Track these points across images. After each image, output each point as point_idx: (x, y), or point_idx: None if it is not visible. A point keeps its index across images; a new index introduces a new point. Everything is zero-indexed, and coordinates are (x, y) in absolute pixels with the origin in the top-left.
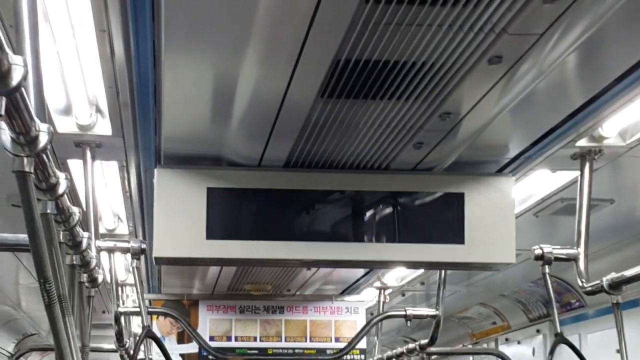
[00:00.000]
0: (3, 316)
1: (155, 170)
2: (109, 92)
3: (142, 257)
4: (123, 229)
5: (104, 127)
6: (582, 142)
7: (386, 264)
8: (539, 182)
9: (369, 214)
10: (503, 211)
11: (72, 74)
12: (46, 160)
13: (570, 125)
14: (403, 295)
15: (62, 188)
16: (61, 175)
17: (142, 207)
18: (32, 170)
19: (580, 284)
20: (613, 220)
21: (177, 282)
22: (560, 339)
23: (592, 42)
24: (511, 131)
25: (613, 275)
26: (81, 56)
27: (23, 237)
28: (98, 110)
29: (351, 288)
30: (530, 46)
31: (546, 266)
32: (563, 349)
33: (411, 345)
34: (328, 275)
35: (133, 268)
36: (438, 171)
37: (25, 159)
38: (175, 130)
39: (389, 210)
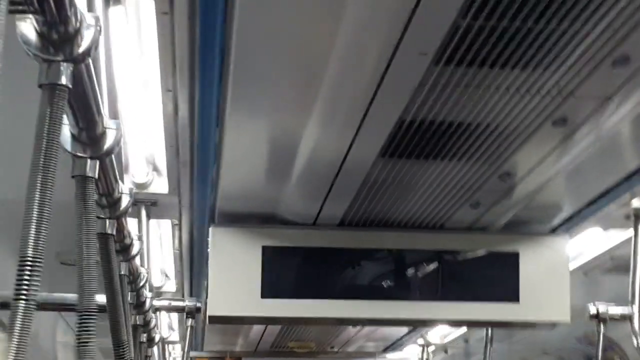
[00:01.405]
0: None
1: (210, 229)
2: (169, 151)
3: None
4: (170, 286)
5: (160, 186)
6: (637, 202)
7: (440, 323)
8: (588, 241)
9: (422, 272)
10: (557, 270)
11: (133, 132)
12: (124, 222)
13: (625, 186)
14: (446, 352)
15: (135, 249)
16: (135, 237)
17: (191, 266)
18: (114, 232)
19: (637, 344)
20: None
21: (220, 340)
22: None
23: None
24: (566, 191)
25: None
26: (144, 115)
27: (71, 296)
28: (155, 168)
29: (394, 345)
30: (595, 108)
31: (601, 325)
32: None
33: None
34: (372, 333)
35: (187, 327)
36: (492, 230)
37: (107, 221)
38: (232, 188)
39: (442, 269)
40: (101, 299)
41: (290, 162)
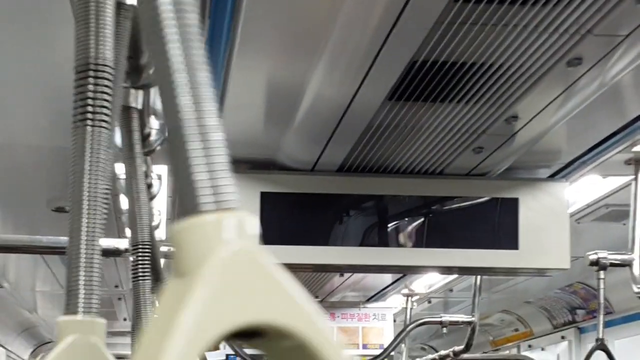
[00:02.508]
0: (22, 323)
1: None
2: None
3: None
4: (160, 233)
5: (162, 130)
6: (638, 148)
7: (439, 269)
8: (583, 189)
9: (422, 219)
10: (557, 217)
11: None
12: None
13: (628, 131)
14: (429, 302)
15: (155, 190)
16: (156, 177)
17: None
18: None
19: (636, 289)
20: None
21: None
22: (600, 345)
23: None
24: (568, 136)
25: None
26: None
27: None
28: (154, 112)
29: (377, 295)
30: (612, 48)
31: (601, 272)
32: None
33: (444, 352)
34: (357, 283)
35: None
36: (491, 176)
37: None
38: (233, 134)
39: (442, 215)
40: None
41: (294, 106)
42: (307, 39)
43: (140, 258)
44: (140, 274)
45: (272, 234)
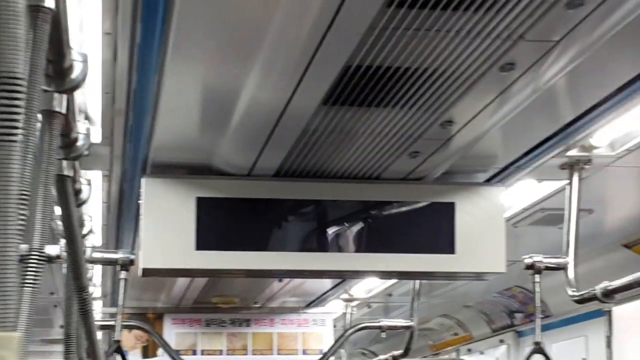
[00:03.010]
0: None
1: (142, 180)
2: (105, 98)
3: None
4: (96, 240)
5: (93, 135)
6: (573, 152)
7: (377, 275)
8: (519, 193)
9: (360, 224)
10: (493, 221)
11: None
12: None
13: (562, 136)
14: (369, 307)
15: (85, 195)
16: (86, 182)
17: (119, 219)
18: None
19: (570, 292)
20: (588, 230)
21: (141, 296)
22: (538, 348)
23: (591, 55)
24: (504, 141)
25: (605, 284)
26: None
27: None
28: (87, 117)
29: (317, 301)
30: (544, 53)
31: (536, 275)
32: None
33: (383, 357)
34: (296, 288)
35: (119, 280)
36: (428, 181)
37: (64, 162)
38: (167, 138)
39: (379, 220)
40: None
41: (229, 110)
42: (240, 44)
43: (30, 266)
44: (29, 282)
45: (208, 239)
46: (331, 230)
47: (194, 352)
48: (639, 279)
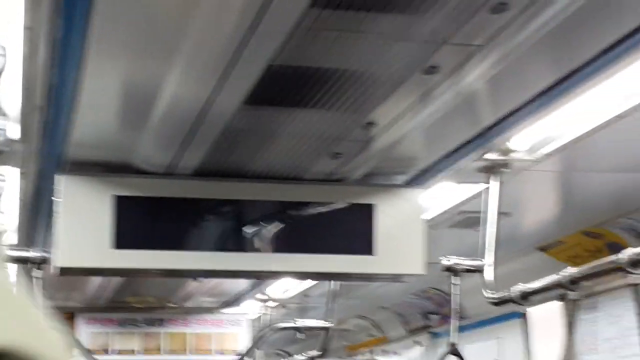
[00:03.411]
0: None
1: (56, 177)
2: (25, 94)
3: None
4: (12, 240)
5: (11, 132)
6: (491, 155)
7: (296, 275)
8: (438, 195)
9: (278, 224)
10: (413, 223)
11: None
12: None
13: (481, 140)
14: (285, 308)
15: None
16: None
17: (36, 218)
18: None
19: (486, 294)
20: (505, 233)
21: (55, 295)
22: (452, 349)
23: (510, 62)
24: (424, 143)
25: (521, 286)
26: None
27: None
28: (2, 112)
29: (232, 301)
30: (467, 57)
31: (456, 277)
32: None
33: (299, 357)
34: (212, 288)
35: (34, 279)
36: (348, 182)
37: None
38: (85, 135)
39: (298, 221)
40: None
41: (149, 108)
42: (161, 41)
43: None
44: None
45: (125, 238)
46: (249, 231)
47: (106, 352)
48: (555, 282)
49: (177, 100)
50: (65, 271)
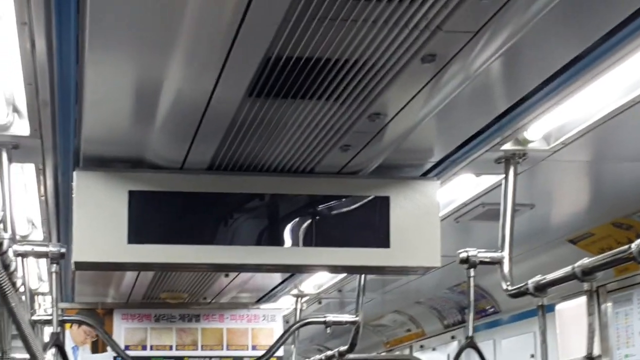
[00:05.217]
0: None
1: (74, 173)
2: (28, 90)
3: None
4: (37, 235)
5: (21, 128)
6: (507, 146)
7: (310, 268)
8: (460, 187)
9: (292, 218)
10: (428, 215)
11: None
12: None
13: (496, 128)
14: (320, 303)
15: None
16: None
17: (57, 212)
18: None
19: (505, 287)
20: (531, 226)
21: (91, 291)
22: (469, 342)
23: (520, 44)
24: (437, 134)
25: (538, 277)
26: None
27: None
28: (15, 109)
29: (268, 296)
30: (464, 44)
31: (471, 270)
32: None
33: (330, 353)
34: (245, 283)
35: (51, 273)
36: (363, 175)
37: None
38: (96, 131)
39: (313, 214)
40: None
41: (153, 102)
42: (158, 33)
43: None
44: None
45: (140, 233)
46: (262, 224)
47: (144, 348)
48: (570, 273)
49: (182, 93)
50: (80, 266)
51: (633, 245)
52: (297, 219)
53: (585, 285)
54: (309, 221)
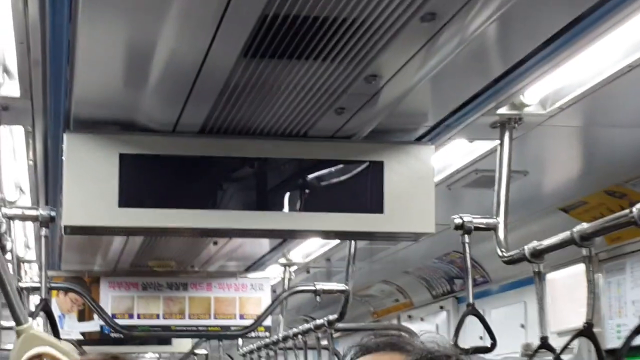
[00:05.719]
0: None
1: (64, 136)
2: (19, 48)
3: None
4: (25, 201)
5: (11, 89)
6: (503, 110)
7: (303, 234)
8: (453, 154)
9: (285, 182)
10: (423, 180)
11: None
12: None
13: (491, 92)
14: (308, 272)
15: None
16: None
17: (46, 177)
18: None
19: (500, 253)
20: (525, 193)
21: (77, 259)
22: (471, 310)
23: (518, 6)
24: (432, 98)
25: (534, 243)
26: None
27: None
28: (5, 69)
29: (255, 265)
30: (464, 3)
31: (466, 236)
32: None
33: (319, 322)
34: (233, 252)
35: (40, 237)
36: (357, 139)
37: None
38: (88, 92)
39: (306, 178)
40: None
41: (147, 63)
42: None
43: None
44: None
45: (131, 197)
46: (254, 189)
47: (130, 316)
48: (567, 239)
49: (175, 54)
50: (70, 230)
51: (634, 209)
52: (289, 184)
53: (584, 250)
54: (301, 186)
